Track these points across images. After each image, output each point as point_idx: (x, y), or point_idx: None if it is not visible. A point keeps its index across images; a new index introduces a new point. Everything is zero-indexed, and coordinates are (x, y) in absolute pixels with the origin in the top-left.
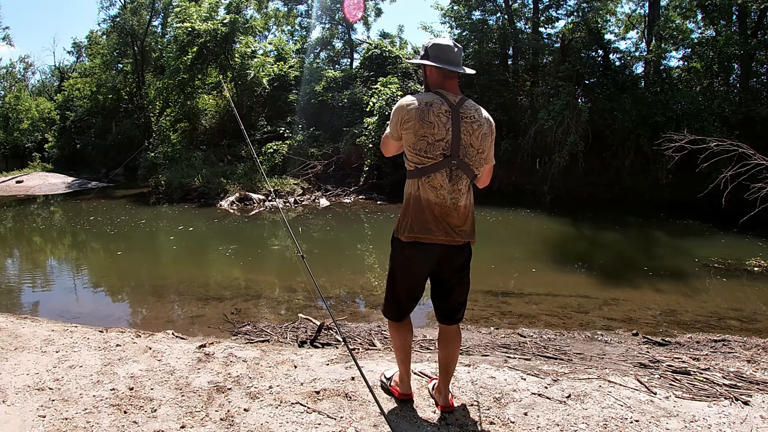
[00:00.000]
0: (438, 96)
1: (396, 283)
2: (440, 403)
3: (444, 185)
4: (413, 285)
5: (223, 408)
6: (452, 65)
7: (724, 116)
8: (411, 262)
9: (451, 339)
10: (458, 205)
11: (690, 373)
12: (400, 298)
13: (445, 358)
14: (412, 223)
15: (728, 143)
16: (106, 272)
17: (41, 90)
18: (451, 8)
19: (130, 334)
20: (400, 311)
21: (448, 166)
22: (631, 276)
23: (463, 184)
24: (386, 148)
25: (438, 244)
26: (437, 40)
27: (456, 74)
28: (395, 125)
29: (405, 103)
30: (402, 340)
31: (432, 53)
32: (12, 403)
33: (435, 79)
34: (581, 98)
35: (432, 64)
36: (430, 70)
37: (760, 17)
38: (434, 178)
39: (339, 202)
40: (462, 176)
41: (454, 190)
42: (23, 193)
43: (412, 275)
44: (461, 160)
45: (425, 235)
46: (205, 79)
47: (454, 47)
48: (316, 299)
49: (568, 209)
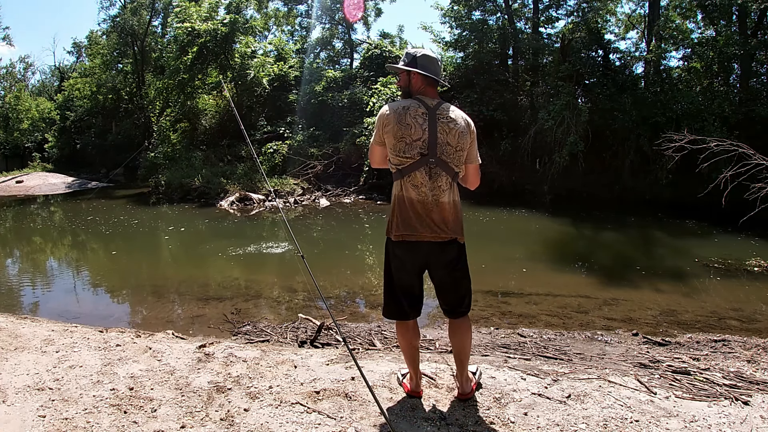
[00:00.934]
0: (415, 101)
1: (392, 281)
2: (458, 391)
3: (424, 183)
4: (408, 283)
5: (223, 408)
6: (437, 74)
7: (724, 116)
8: (402, 260)
9: (459, 330)
10: (440, 201)
11: (690, 373)
12: (397, 296)
13: (456, 348)
14: (398, 222)
15: (728, 143)
16: (106, 272)
17: (41, 90)
18: (451, 8)
19: (130, 334)
20: (400, 310)
21: (427, 164)
22: (631, 276)
23: (443, 181)
24: (372, 156)
25: (424, 242)
26: (426, 52)
27: (436, 82)
28: (377, 131)
29: (384, 110)
30: (408, 344)
31: (420, 62)
32: (12, 403)
33: (419, 86)
34: (581, 98)
35: (421, 72)
36: (416, 77)
37: (760, 17)
38: (414, 177)
39: (339, 202)
40: (441, 173)
41: (435, 187)
42: (23, 193)
43: (404, 273)
44: (439, 158)
45: (411, 233)
46: (205, 79)
47: (438, 60)
48: (316, 299)
49: (568, 209)
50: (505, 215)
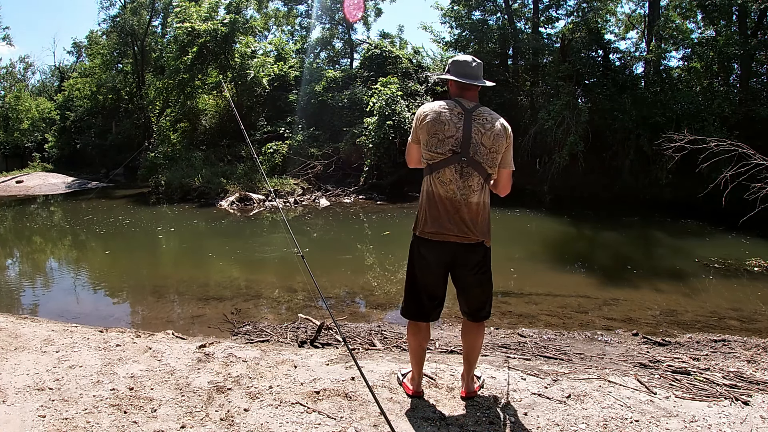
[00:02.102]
0: (453, 101)
1: (415, 280)
2: (463, 390)
3: (453, 180)
4: (432, 284)
5: (223, 408)
6: (469, 78)
7: (724, 116)
8: (426, 260)
9: (473, 333)
10: (469, 201)
11: (690, 373)
12: (420, 296)
13: (467, 349)
14: (426, 218)
15: (728, 143)
16: (106, 272)
17: (41, 90)
18: (451, 8)
19: (130, 334)
20: (420, 310)
21: (458, 162)
22: (631, 276)
23: (474, 182)
24: (409, 155)
25: (450, 243)
26: (457, 57)
27: (475, 86)
28: (414, 128)
29: (422, 108)
30: (418, 345)
31: (452, 69)
32: (12, 403)
33: (454, 91)
34: (581, 98)
35: (452, 78)
36: (451, 83)
37: (760, 17)
38: (443, 174)
39: (339, 202)
40: (473, 173)
41: (465, 186)
42: (23, 193)
43: (428, 273)
44: (471, 158)
45: (438, 230)
46: (205, 79)
47: (473, 62)
48: (316, 299)
49: (568, 209)
50: (505, 215)
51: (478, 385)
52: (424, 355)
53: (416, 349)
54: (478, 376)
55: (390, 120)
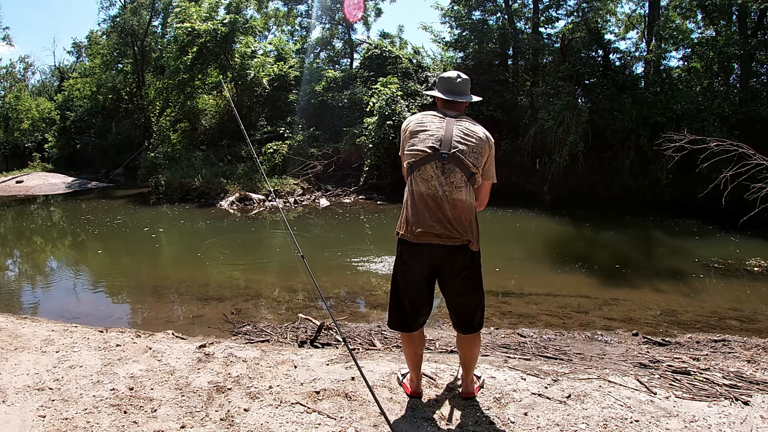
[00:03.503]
0: (437, 110)
1: (398, 289)
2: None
3: (435, 176)
4: (414, 292)
5: (223, 408)
6: (453, 94)
7: (724, 116)
8: (408, 265)
9: (467, 345)
10: (452, 197)
11: (690, 373)
12: (403, 306)
13: (464, 358)
14: (408, 216)
15: (728, 143)
16: (106, 272)
17: (41, 90)
18: (451, 8)
19: (130, 334)
20: (404, 321)
21: (439, 158)
22: (631, 276)
23: (457, 178)
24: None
25: (434, 245)
26: (443, 74)
27: (461, 102)
28: (402, 141)
29: (406, 120)
30: (413, 353)
31: (438, 85)
32: (12, 403)
33: (441, 105)
34: (581, 98)
35: (437, 95)
36: (437, 99)
37: (760, 17)
38: (424, 170)
39: (339, 202)
40: (455, 170)
41: (447, 183)
42: (23, 193)
43: (411, 280)
44: (452, 154)
45: (421, 229)
46: (205, 79)
47: (457, 78)
48: (316, 299)
49: (568, 209)
50: (505, 215)
51: (478, 386)
52: (420, 360)
53: (411, 356)
54: (478, 376)
55: (390, 120)
